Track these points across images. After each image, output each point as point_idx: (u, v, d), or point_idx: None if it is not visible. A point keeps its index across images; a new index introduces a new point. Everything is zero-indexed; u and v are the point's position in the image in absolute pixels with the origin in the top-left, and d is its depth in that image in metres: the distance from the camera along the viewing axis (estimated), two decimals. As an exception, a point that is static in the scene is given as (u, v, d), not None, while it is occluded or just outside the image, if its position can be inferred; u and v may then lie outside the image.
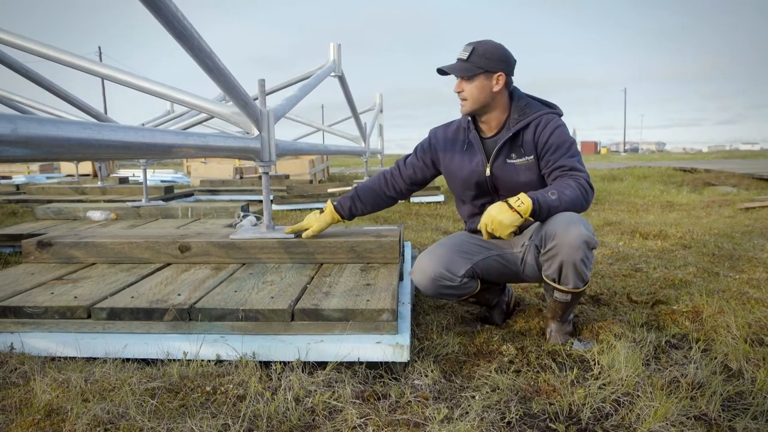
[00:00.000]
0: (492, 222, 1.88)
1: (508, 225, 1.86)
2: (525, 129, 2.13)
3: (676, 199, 7.78)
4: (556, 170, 2.05)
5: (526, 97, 2.21)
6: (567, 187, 1.94)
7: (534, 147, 2.11)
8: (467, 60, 2.08)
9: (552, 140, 2.07)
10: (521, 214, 1.86)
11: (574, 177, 2.00)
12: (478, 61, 2.07)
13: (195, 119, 4.37)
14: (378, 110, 9.92)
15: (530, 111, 2.15)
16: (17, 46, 2.88)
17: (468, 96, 2.10)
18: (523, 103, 2.17)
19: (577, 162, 2.06)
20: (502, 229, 1.87)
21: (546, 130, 2.09)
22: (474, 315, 2.47)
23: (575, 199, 1.94)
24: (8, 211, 6.51)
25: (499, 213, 1.88)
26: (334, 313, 1.89)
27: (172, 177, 13.07)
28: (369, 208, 2.45)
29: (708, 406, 1.56)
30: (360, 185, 2.48)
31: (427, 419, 1.50)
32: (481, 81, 2.08)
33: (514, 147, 2.14)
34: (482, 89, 2.09)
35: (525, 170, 2.13)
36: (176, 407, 1.53)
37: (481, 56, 2.07)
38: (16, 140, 1.09)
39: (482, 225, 1.93)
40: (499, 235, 1.88)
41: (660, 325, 2.28)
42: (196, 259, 2.56)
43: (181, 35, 1.90)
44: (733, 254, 3.65)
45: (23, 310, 1.97)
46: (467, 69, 2.08)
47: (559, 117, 2.16)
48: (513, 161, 2.14)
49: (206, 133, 2.32)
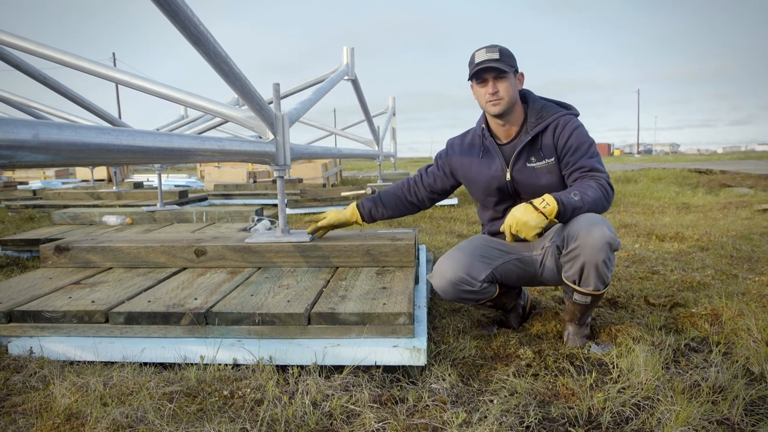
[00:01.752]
0: (517, 223, 1.87)
1: (534, 226, 1.85)
2: (543, 132, 2.13)
3: (692, 200, 7.70)
4: (576, 171, 2.05)
5: (541, 99, 2.21)
6: (589, 188, 1.94)
7: (554, 149, 2.11)
8: (500, 60, 2.08)
9: (571, 142, 2.08)
10: (546, 215, 1.85)
11: (594, 178, 2.00)
12: (508, 61, 2.09)
13: (209, 123, 4.40)
14: (391, 113, 9.93)
15: (547, 114, 2.14)
16: (34, 52, 2.91)
17: (504, 94, 2.10)
18: (539, 105, 2.17)
19: (597, 162, 2.06)
20: (527, 230, 1.85)
21: (565, 131, 2.09)
22: (490, 318, 2.46)
23: (597, 200, 1.94)
24: (25, 216, 6.59)
25: (524, 214, 1.86)
26: (350, 316, 1.88)
27: (186, 181, 13.16)
28: (390, 213, 2.48)
29: (730, 411, 1.53)
30: (383, 190, 2.51)
31: (445, 423, 1.49)
32: (511, 79, 2.11)
33: (534, 150, 2.14)
34: (514, 88, 2.12)
35: (546, 173, 2.13)
36: (194, 411, 1.54)
37: (508, 56, 2.10)
38: (37, 146, 1.10)
39: (506, 226, 1.92)
40: (524, 236, 1.87)
41: (679, 328, 2.25)
42: (211, 263, 2.57)
43: (197, 40, 1.91)
44: (752, 256, 3.60)
45: (42, 314, 1.99)
46: (507, 67, 2.08)
47: (576, 117, 2.15)
48: (533, 165, 2.14)
49: (222, 137, 2.33)
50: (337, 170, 13.59)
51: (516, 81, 2.13)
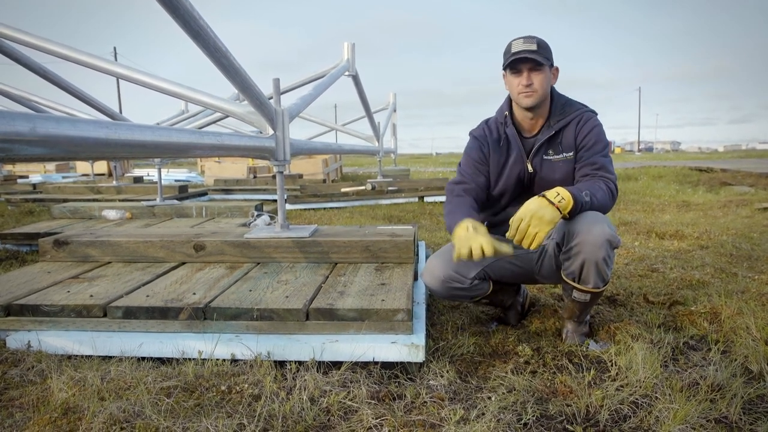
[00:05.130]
0: (532, 216, 1.79)
1: (549, 221, 1.79)
2: (566, 127, 2.12)
3: (693, 198, 7.70)
4: (586, 166, 2.05)
5: (564, 96, 2.20)
6: (599, 191, 1.93)
7: (574, 143, 2.11)
8: (537, 51, 2.03)
9: (590, 137, 2.08)
10: (561, 210, 1.81)
11: (604, 179, 2.00)
12: (545, 53, 2.04)
13: (209, 118, 4.39)
14: (391, 110, 9.92)
15: (570, 110, 2.14)
16: (34, 46, 2.91)
17: (538, 87, 2.05)
18: (563, 101, 2.17)
19: (608, 163, 2.06)
20: (542, 225, 1.78)
21: (586, 126, 2.10)
22: (489, 315, 2.46)
23: (604, 203, 1.94)
24: (25, 210, 6.58)
25: (539, 208, 1.80)
26: (348, 312, 1.88)
27: (186, 176, 13.15)
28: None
29: (729, 409, 1.53)
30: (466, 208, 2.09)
31: (443, 420, 1.49)
32: (547, 73, 2.07)
33: (553, 144, 2.14)
34: (548, 81, 2.08)
35: (562, 166, 2.12)
36: (192, 406, 1.54)
37: (545, 49, 2.05)
38: (34, 139, 1.09)
39: (516, 219, 1.83)
40: (537, 230, 1.77)
41: (678, 326, 2.25)
42: (210, 258, 2.57)
43: (198, 35, 1.90)
44: (752, 255, 3.60)
45: (40, 308, 1.99)
46: (544, 59, 2.03)
47: (597, 117, 2.15)
48: (550, 158, 2.13)
49: (221, 132, 2.33)
50: (338, 166, 13.58)
51: (551, 75, 2.10)
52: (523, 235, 1.80)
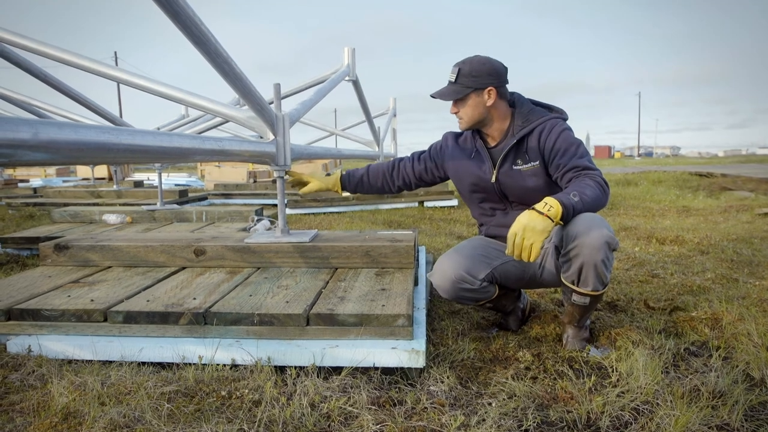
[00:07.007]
0: (524, 230, 1.80)
1: (542, 230, 1.80)
2: (529, 135, 2.14)
3: (693, 204, 7.70)
4: (569, 172, 2.04)
5: (529, 103, 2.22)
6: (587, 187, 1.93)
7: (540, 153, 2.12)
8: (456, 82, 2.12)
9: (558, 145, 2.07)
10: (552, 218, 1.82)
11: (589, 176, 1.99)
12: (466, 82, 2.11)
13: (209, 123, 4.39)
14: (392, 114, 9.91)
15: (534, 117, 2.16)
16: (35, 51, 2.91)
17: (463, 115, 2.17)
18: (527, 109, 2.19)
19: (588, 161, 2.06)
20: (535, 235, 1.79)
21: (551, 135, 2.09)
22: (489, 321, 2.46)
23: (596, 198, 1.93)
24: (26, 214, 6.58)
25: (530, 220, 1.81)
26: (349, 318, 1.88)
27: (186, 181, 13.16)
28: (373, 189, 2.56)
29: (730, 416, 1.53)
30: (373, 165, 2.57)
31: (443, 426, 1.49)
32: (473, 99, 2.12)
33: (520, 153, 2.16)
34: (476, 107, 2.14)
35: (531, 176, 2.14)
36: (192, 411, 1.53)
37: (467, 76, 2.10)
38: (36, 144, 1.09)
39: (511, 234, 1.85)
40: (532, 242, 1.80)
41: (678, 332, 2.25)
42: (211, 262, 2.57)
43: (199, 40, 1.90)
44: (753, 260, 3.60)
45: (41, 312, 1.99)
46: (457, 92, 2.12)
47: (564, 121, 2.16)
48: (519, 167, 2.16)
49: (222, 137, 2.33)
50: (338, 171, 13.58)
51: (484, 98, 2.12)
52: (521, 249, 1.82)
